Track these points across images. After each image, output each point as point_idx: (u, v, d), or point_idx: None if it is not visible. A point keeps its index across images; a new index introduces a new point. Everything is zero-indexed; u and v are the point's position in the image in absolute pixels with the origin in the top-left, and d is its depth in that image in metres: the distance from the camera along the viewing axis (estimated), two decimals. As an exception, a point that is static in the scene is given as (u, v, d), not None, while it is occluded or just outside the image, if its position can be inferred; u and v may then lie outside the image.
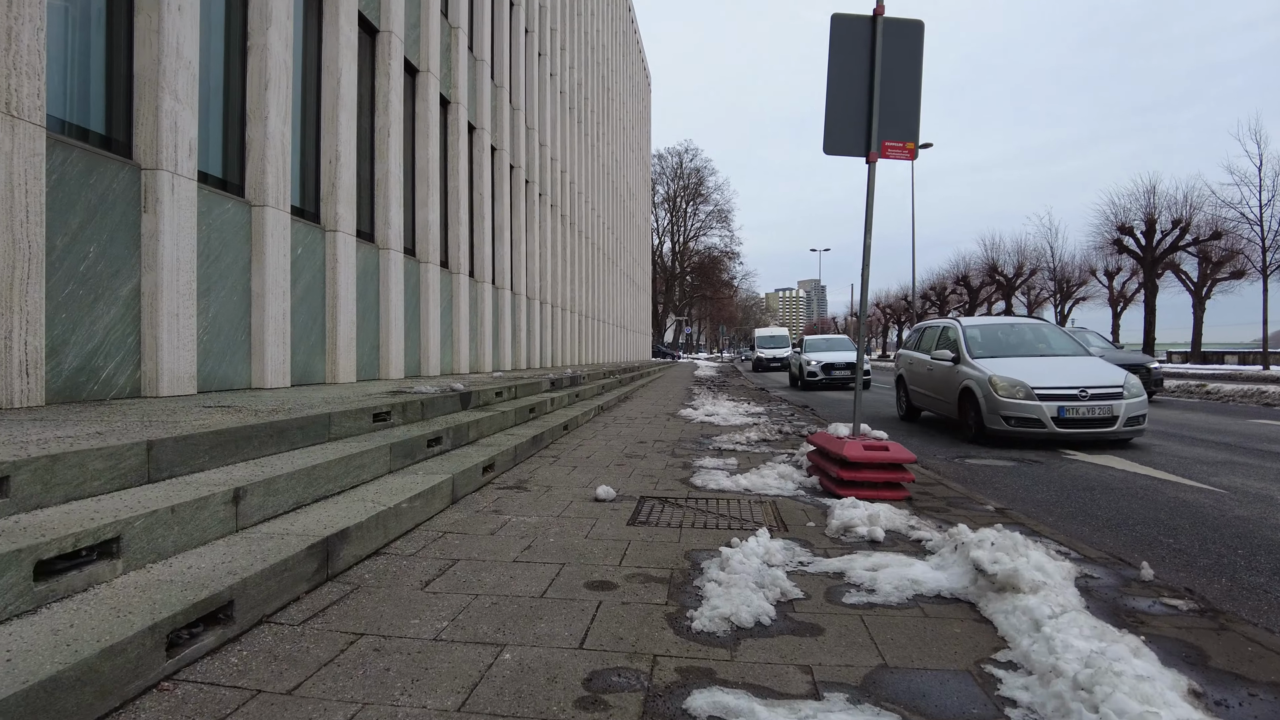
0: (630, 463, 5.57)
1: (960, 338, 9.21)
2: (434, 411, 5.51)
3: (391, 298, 9.36)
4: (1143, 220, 33.03)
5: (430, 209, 10.80)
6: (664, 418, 9.40)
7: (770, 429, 7.64)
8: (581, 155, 24.10)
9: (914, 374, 10.41)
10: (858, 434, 4.79)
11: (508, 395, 7.60)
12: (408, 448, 4.25)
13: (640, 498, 4.24)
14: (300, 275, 7.49)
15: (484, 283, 13.25)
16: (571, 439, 6.95)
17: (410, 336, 10.21)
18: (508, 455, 5.15)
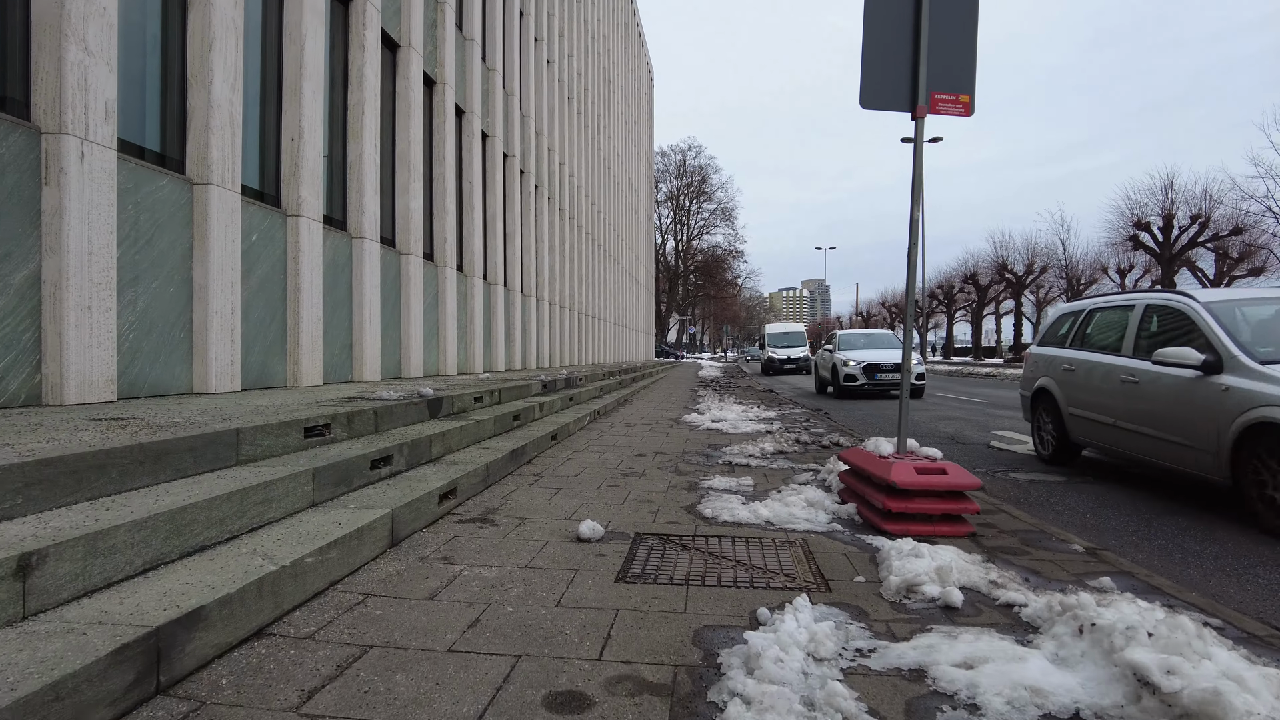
0: (626, 483, 4.68)
1: (1211, 326, 4.90)
2: (391, 422, 4.63)
3: (366, 292, 8.50)
4: (1160, 216, 32.01)
5: (412, 196, 9.93)
6: (666, 424, 8.51)
7: (786, 438, 6.75)
8: (581, 148, 23.23)
9: (1082, 387, 6.28)
10: (904, 451, 3.90)
11: (489, 400, 6.72)
12: (342, 472, 3.37)
13: (635, 535, 3.35)
14: (255, 265, 6.62)
15: (474, 277, 12.37)
16: (560, 451, 6.06)
17: (389, 335, 9.34)
18: (476, 476, 4.27)
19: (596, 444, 6.59)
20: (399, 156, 9.91)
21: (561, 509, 3.87)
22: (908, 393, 3.96)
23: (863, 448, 4.10)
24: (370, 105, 8.72)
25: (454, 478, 3.92)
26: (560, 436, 6.69)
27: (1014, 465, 6.58)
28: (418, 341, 9.97)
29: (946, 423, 10.30)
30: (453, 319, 11.25)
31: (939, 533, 3.48)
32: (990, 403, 14.17)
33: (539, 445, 5.90)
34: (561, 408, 8.46)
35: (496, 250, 13.75)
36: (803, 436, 6.93)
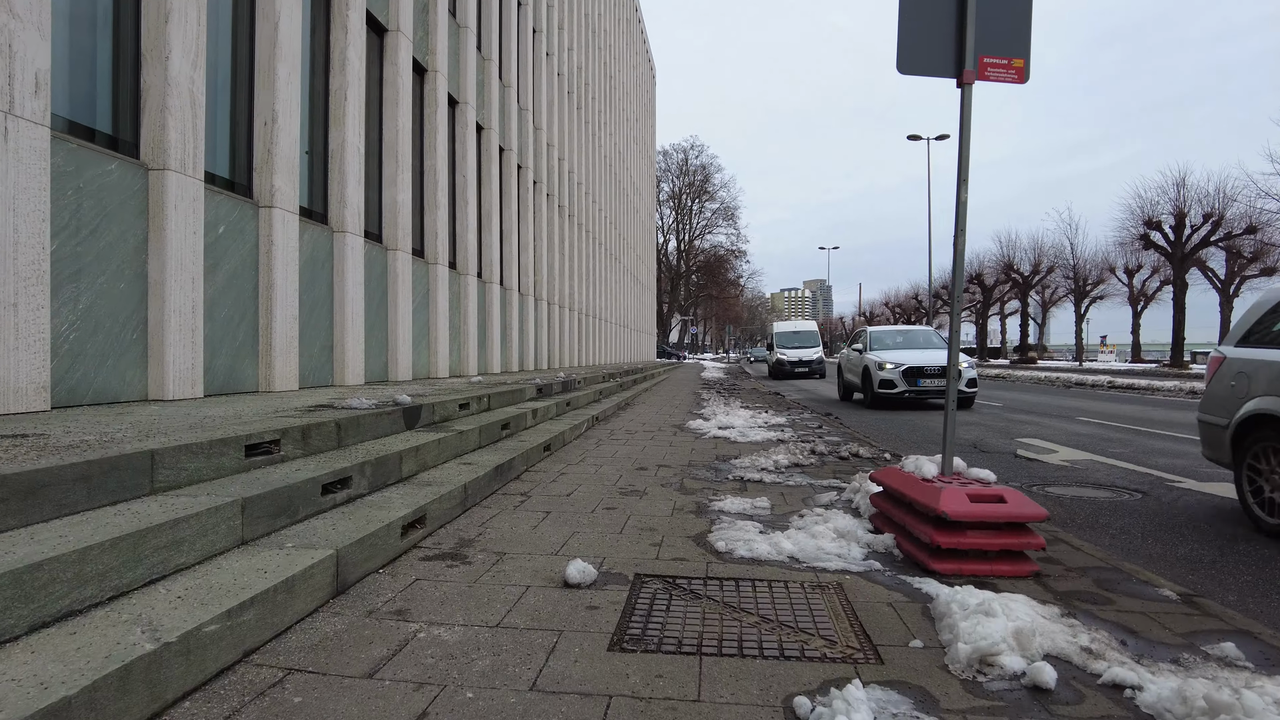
0: (625, 504, 4.11)
1: None
2: (358, 435, 4.06)
3: (348, 289, 7.94)
4: (1171, 214, 31.39)
5: (400, 189, 9.38)
6: (670, 431, 7.94)
7: (801, 449, 6.18)
8: (581, 144, 22.68)
9: None
10: (949, 472, 3.34)
11: (477, 407, 6.16)
12: (284, 500, 2.81)
13: (635, 578, 2.78)
14: (222, 259, 6.07)
15: (468, 275, 11.82)
16: (553, 465, 5.50)
17: (374, 336, 8.79)
18: (451, 499, 3.70)
19: (594, 455, 6.02)
20: (386, 147, 9.35)
21: (548, 540, 3.31)
22: (954, 401, 3.38)
23: (900, 468, 3.53)
24: (354, 91, 8.16)
25: (423, 503, 3.35)
26: (554, 447, 6.13)
27: (1048, 477, 6.00)
28: (406, 343, 9.42)
29: (965, 428, 9.72)
30: (444, 319, 10.70)
31: (997, 572, 2.91)
32: (1006, 406, 13.60)
33: (529, 458, 5.34)
34: (557, 414, 7.90)
35: (492, 247, 13.20)
36: (818, 446, 6.36)
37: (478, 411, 6.14)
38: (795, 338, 30.32)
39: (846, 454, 6.12)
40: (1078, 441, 8.42)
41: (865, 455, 6.16)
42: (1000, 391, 18.50)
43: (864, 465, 5.73)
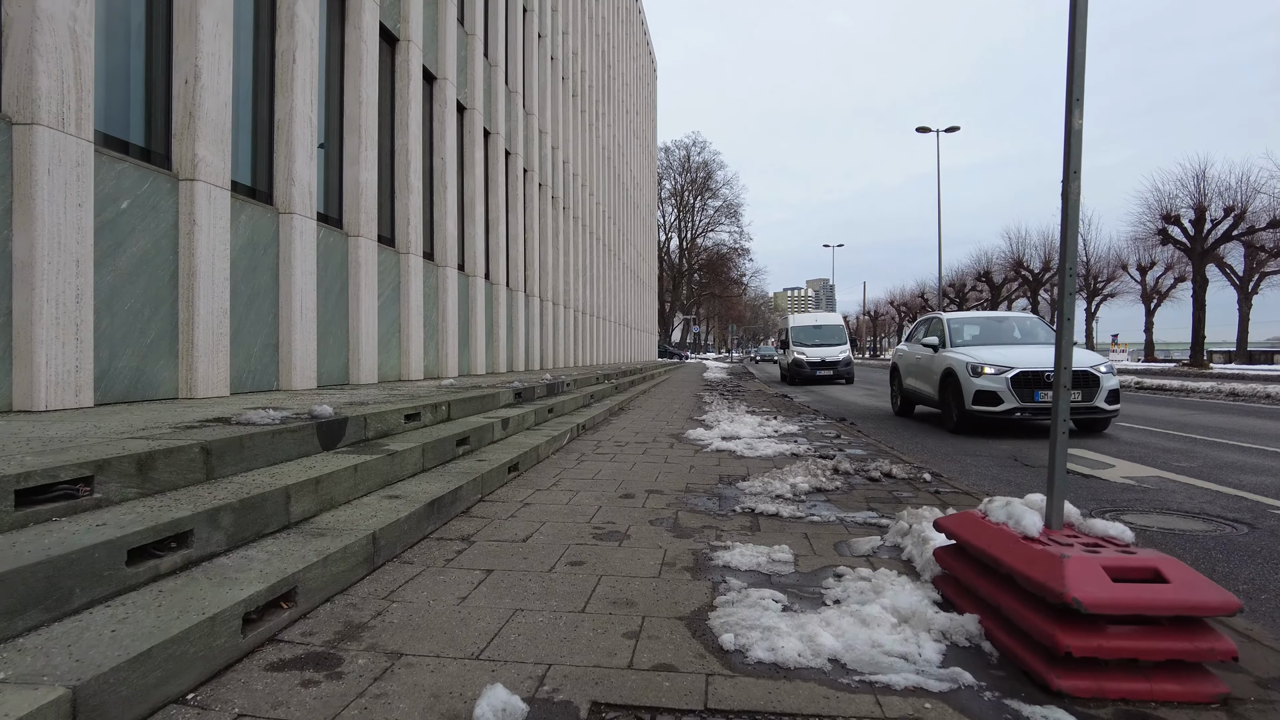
0: (598, 556, 3.07)
1: None
2: (238, 463, 3.03)
3: (296, 279, 6.91)
4: (1191, 208, 30.24)
5: (364, 168, 8.34)
6: (666, 443, 6.89)
7: (821, 467, 5.13)
8: (578, 134, 21.63)
9: None
10: (1059, 526, 2.29)
11: (432, 417, 5.11)
12: (40, 582, 1.77)
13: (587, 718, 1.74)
14: (126, 240, 5.04)
15: (447, 267, 10.78)
16: (516, 491, 4.45)
17: (332, 333, 7.75)
18: (349, 557, 2.66)
19: (570, 477, 4.97)
20: (348, 121, 8.32)
21: (474, 628, 2.26)
22: (1064, 420, 2.32)
23: (981, 514, 2.48)
24: (304, 54, 7.13)
25: (296, 568, 2.31)
26: (524, 466, 5.08)
27: (1117, 501, 4.94)
28: (370, 341, 8.38)
29: (994, 436, 8.65)
30: (418, 315, 9.66)
31: (1161, 694, 1.86)
32: (1033, 410, 12.51)
33: (486, 484, 4.29)
34: (536, 423, 6.85)
35: (476, 238, 12.16)
36: (841, 464, 5.31)
37: (432, 423, 5.09)
38: (816, 333, 24.41)
39: (877, 474, 5.06)
40: (1132, 452, 7.36)
41: (900, 475, 5.10)
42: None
43: (900, 489, 4.68)
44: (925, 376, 10.19)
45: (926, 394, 10.19)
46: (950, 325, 10.42)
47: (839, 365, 22.58)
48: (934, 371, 9.78)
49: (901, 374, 11.48)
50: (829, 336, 24.26)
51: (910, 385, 11.00)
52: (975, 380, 8.59)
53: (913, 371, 10.88)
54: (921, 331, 11.31)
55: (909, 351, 11.27)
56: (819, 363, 22.62)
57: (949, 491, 4.61)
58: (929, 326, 11.12)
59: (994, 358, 8.73)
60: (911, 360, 10.97)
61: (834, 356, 22.72)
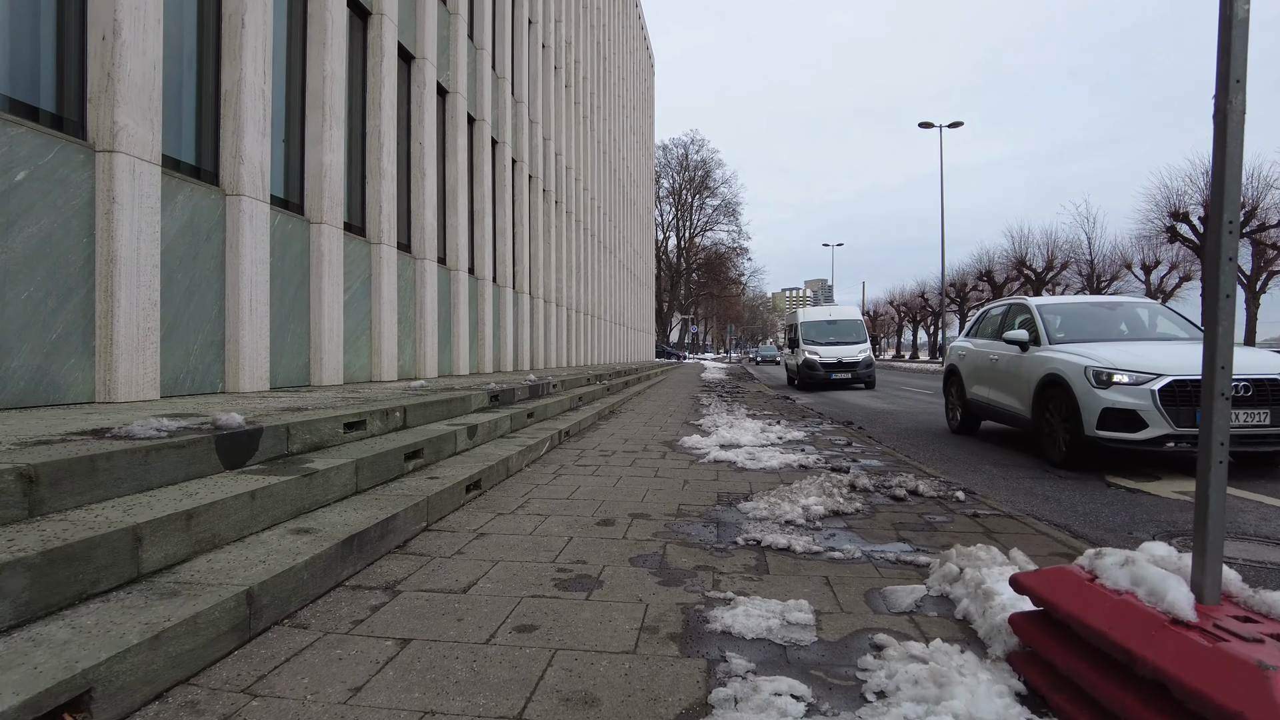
0: (556, 617, 2.33)
1: None
2: (83, 492, 2.30)
3: (245, 269, 6.17)
4: (1201, 204, 29.53)
5: (329, 149, 7.60)
6: (657, 452, 6.16)
7: (835, 483, 4.41)
8: (571, 126, 20.90)
9: None
10: (1214, 599, 1.55)
11: (381, 426, 4.38)
12: None
13: None
14: (23, 217, 4.30)
15: (425, 260, 10.05)
16: (472, 517, 3.71)
17: (287, 329, 7.01)
18: (211, 625, 1.93)
19: (542, 496, 4.24)
20: (311, 96, 7.58)
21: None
22: (1222, 442, 1.60)
23: (1088, 575, 1.76)
24: (256, 18, 6.39)
25: (94, 661, 1.58)
26: (487, 483, 4.34)
27: (1178, 523, 4.21)
28: (335, 339, 7.64)
29: (1024, 444, 7.92)
30: (391, 311, 8.92)
31: None
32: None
33: (434, 508, 3.55)
34: (512, 429, 6.12)
35: (458, 230, 11.42)
36: (859, 479, 4.58)
37: (381, 432, 4.36)
38: (830, 329, 20.51)
39: (901, 491, 4.34)
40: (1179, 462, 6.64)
41: (928, 493, 4.38)
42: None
43: (931, 510, 3.95)
44: (1007, 384, 7.46)
45: (1008, 408, 7.42)
46: (1043, 313, 7.41)
47: (858, 367, 18.96)
48: (1024, 378, 7.00)
49: (965, 380, 8.63)
50: (845, 333, 20.28)
51: (979, 395, 8.19)
52: (1103, 393, 5.90)
53: (984, 377, 8.08)
54: (997, 323, 8.37)
55: (978, 350, 8.46)
56: (835, 364, 19.05)
57: (989, 514, 3.88)
58: (1010, 315, 8.12)
59: (1129, 359, 6.06)
60: (982, 362, 8.16)
61: (852, 356, 19.12)
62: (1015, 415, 7.28)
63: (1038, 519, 4.08)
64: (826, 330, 20.61)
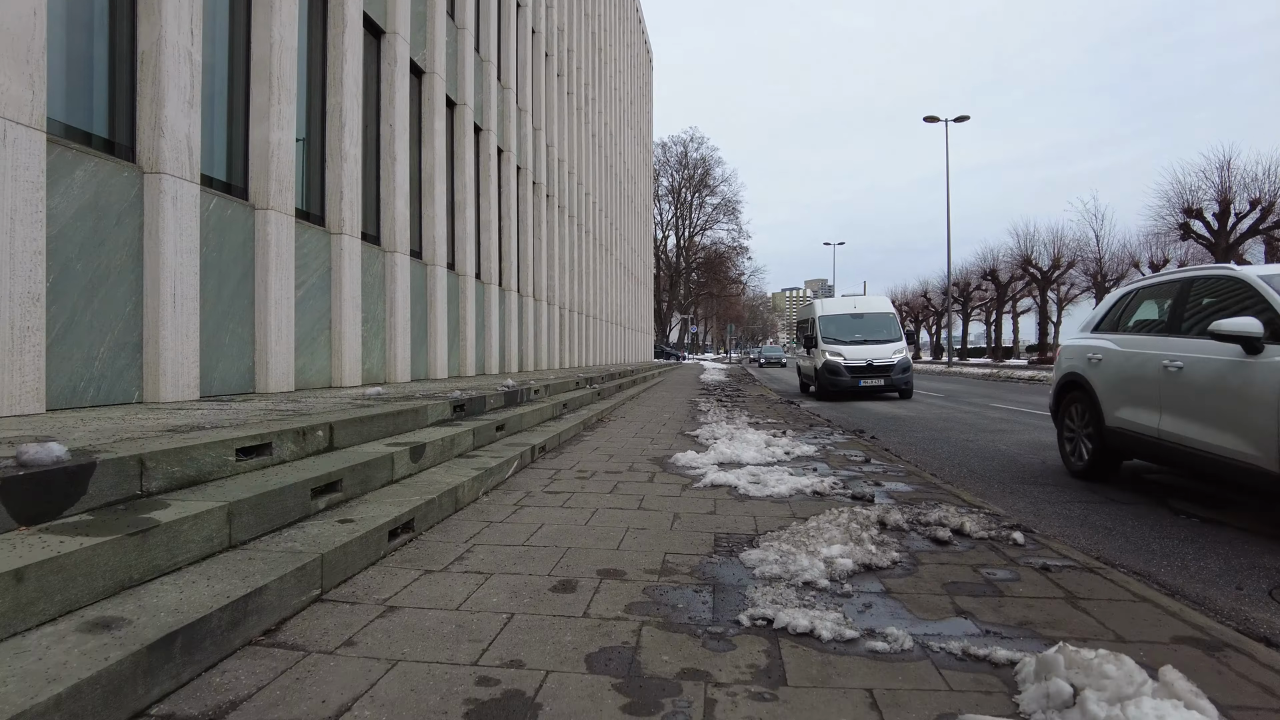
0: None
1: None
2: None
3: (167, 258, 5.30)
4: (1215, 201, 28.66)
5: (277, 125, 6.73)
6: (644, 472, 5.29)
7: (861, 521, 3.54)
8: (564, 117, 20.01)
9: None
10: None
11: (292, 450, 3.51)
12: None
13: None
14: None
15: (396, 253, 9.18)
16: (385, 579, 2.83)
17: (225, 329, 6.14)
18: None
19: (489, 542, 3.36)
20: (256, 65, 6.70)
21: None
22: None
23: None
24: (182, -32, 5.51)
25: None
26: (422, 523, 3.45)
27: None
28: (283, 340, 6.77)
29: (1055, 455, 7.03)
30: (354, 308, 8.05)
31: None
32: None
33: (335, 567, 2.68)
34: (474, 446, 5.24)
35: (435, 221, 10.55)
36: (889, 513, 3.71)
37: (295, 458, 3.48)
38: (856, 325, 16.73)
39: (944, 532, 3.46)
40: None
41: (976, 533, 3.51)
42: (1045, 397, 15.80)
43: (988, 561, 3.08)
44: (1212, 409, 4.49)
45: (1214, 450, 4.42)
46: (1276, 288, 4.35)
47: (893, 372, 15.34)
48: (1257, 399, 4.07)
49: (1102, 398, 5.70)
50: (875, 329, 16.58)
51: (1137, 425, 5.21)
52: None
53: (1148, 395, 5.12)
54: (1173, 306, 5.31)
55: (1129, 352, 5.53)
56: (864, 368, 15.43)
57: (1062, 566, 3.01)
58: (1203, 293, 5.11)
59: None
60: (1145, 370, 5.20)
61: (885, 358, 15.45)
62: (1232, 461, 4.27)
63: (1116, 566, 3.21)
64: (852, 325, 16.78)
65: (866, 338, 16.33)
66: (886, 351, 15.69)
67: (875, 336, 16.36)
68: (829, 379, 15.76)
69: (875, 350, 15.77)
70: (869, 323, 16.91)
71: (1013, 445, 8.12)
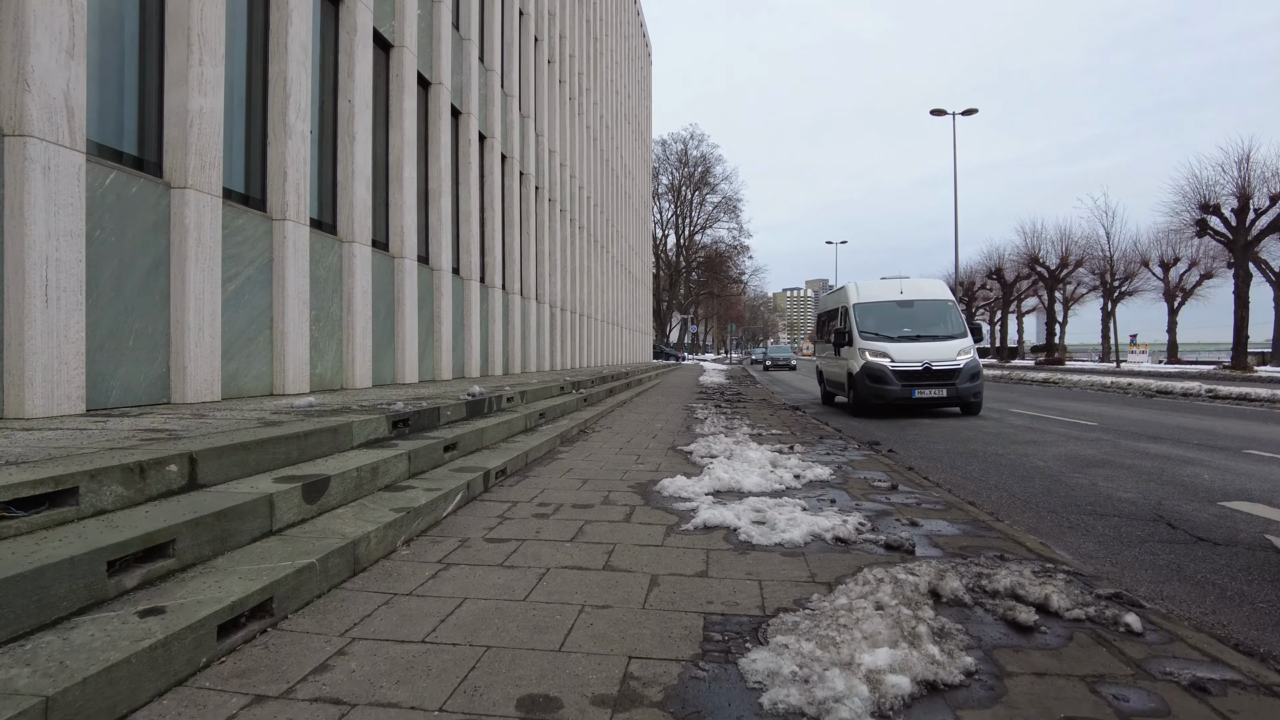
0: None
1: None
2: None
3: (35, 241, 4.31)
4: (1234, 196, 27.62)
5: (199, 90, 5.73)
6: (621, 507, 4.29)
7: (906, 595, 2.55)
8: (556, 107, 19.00)
9: None
10: None
11: (122, 494, 2.53)
12: None
13: None
14: None
15: (354, 243, 8.18)
16: (192, 716, 1.82)
17: (125, 328, 5.13)
18: None
19: (379, 632, 2.36)
20: (171, 17, 5.70)
21: None
22: None
23: None
24: (63, -110, 4.52)
25: None
26: (291, 603, 2.45)
27: None
28: (208, 341, 5.77)
29: (1103, 475, 6.04)
30: (300, 304, 7.05)
31: None
32: (1104, 426, 9.94)
33: (101, 700, 1.67)
34: (408, 474, 4.23)
35: (404, 209, 9.55)
36: (944, 578, 2.72)
37: (119, 507, 2.50)
38: (905, 316, 12.90)
39: (1026, 614, 2.46)
40: None
41: (1070, 610, 2.52)
42: (1064, 402, 14.82)
43: (1105, 667, 2.09)
44: None
45: None
46: None
47: (959, 380, 11.56)
48: None
49: None
50: (929, 321, 12.71)
51: None
52: None
53: None
54: None
55: None
56: (919, 373, 11.61)
57: (1223, 680, 2.01)
58: None
59: None
60: None
61: (948, 360, 11.69)
62: None
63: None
64: (898, 317, 12.80)
65: (919, 333, 12.43)
66: (948, 351, 11.84)
67: (930, 331, 12.48)
68: (870, 388, 11.84)
69: (933, 349, 11.91)
70: (921, 313, 12.87)
71: (1049, 460, 7.13)
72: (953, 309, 13.04)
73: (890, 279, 13.76)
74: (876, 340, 12.28)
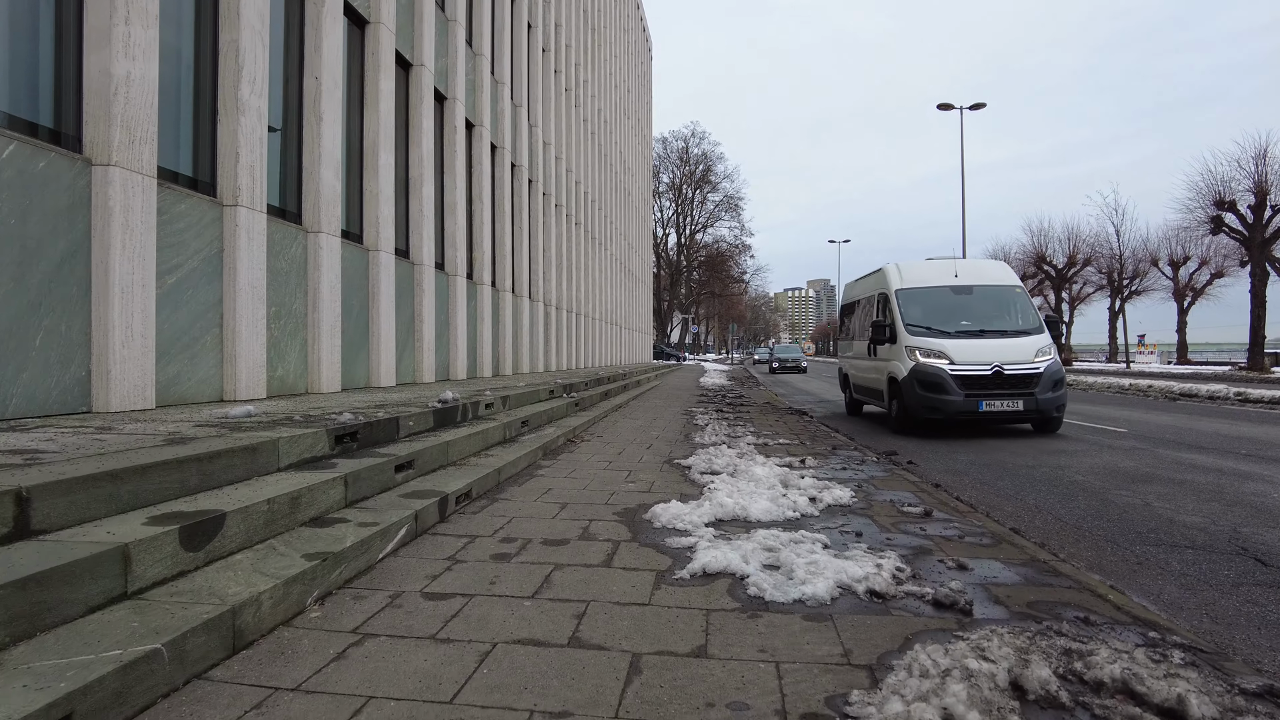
0: None
1: None
2: None
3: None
4: (1250, 192, 26.81)
5: (125, 54, 5.02)
6: (604, 544, 3.57)
7: (984, 697, 1.81)
8: (551, 97, 18.27)
9: None
10: None
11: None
12: None
13: None
14: None
15: (320, 233, 7.46)
16: None
17: (32, 324, 4.40)
18: None
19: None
20: (95, -27, 4.99)
21: None
22: None
23: None
24: None
25: None
26: (116, 716, 1.73)
27: None
28: (139, 341, 5.05)
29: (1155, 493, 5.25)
30: (256, 301, 6.33)
31: None
32: (1135, 433, 9.19)
33: None
34: (346, 501, 3.50)
35: (380, 199, 8.83)
36: (1029, 665, 1.99)
37: None
38: (962, 306, 10.04)
39: None
40: None
41: (1203, 716, 1.78)
42: (1083, 405, 14.06)
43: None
44: None
45: None
46: None
47: (1038, 388, 8.94)
48: None
49: None
50: (993, 313, 10.02)
51: None
52: None
53: None
54: None
55: None
56: (987, 378, 8.94)
57: None
58: None
59: None
60: None
61: (1024, 362, 9.07)
62: None
63: None
64: (953, 306, 10.04)
65: (981, 327, 9.69)
66: (1024, 351, 9.16)
67: (996, 325, 9.77)
68: (922, 398, 9.08)
69: (1004, 348, 9.21)
70: (982, 302, 10.07)
71: (1087, 474, 6.40)
72: (1022, 297, 10.24)
73: (940, 259, 11.05)
74: (929, 336, 9.47)
